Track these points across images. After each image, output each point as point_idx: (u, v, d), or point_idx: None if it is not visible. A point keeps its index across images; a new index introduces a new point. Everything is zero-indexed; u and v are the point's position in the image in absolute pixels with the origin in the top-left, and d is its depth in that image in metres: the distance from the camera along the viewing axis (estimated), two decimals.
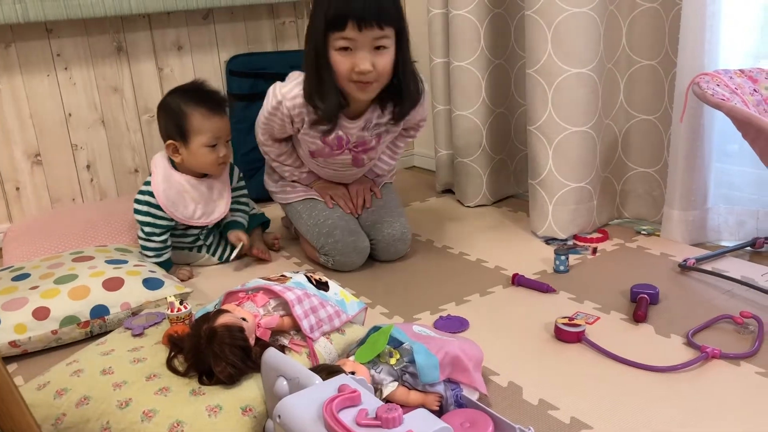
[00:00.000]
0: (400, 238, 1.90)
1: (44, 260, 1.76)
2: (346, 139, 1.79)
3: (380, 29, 1.53)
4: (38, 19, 2.07)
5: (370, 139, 1.82)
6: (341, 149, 1.82)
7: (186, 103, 1.79)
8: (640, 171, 2.06)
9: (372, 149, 1.88)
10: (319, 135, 1.76)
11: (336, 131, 1.75)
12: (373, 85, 1.62)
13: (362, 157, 1.89)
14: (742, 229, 1.89)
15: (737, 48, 1.84)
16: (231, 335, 1.17)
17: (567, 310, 1.57)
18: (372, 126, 1.79)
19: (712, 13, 1.70)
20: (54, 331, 1.52)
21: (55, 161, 2.28)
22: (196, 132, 1.78)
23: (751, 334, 1.41)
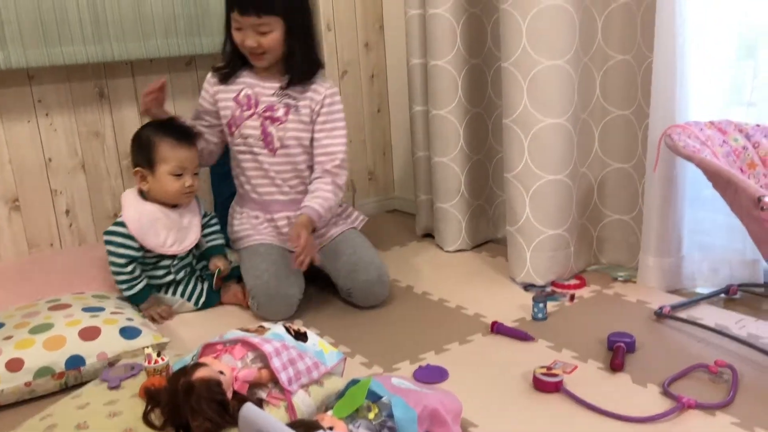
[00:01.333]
0: (377, 282, 1.91)
1: (19, 309, 1.74)
2: (255, 100, 1.98)
3: (258, 17, 1.83)
4: (20, 65, 2.08)
5: (278, 107, 1.96)
6: (251, 110, 1.98)
7: (155, 134, 1.89)
8: (616, 218, 2.10)
9: (279, 120, 1.97)
10: (233, 96, 2.00)
11: (245, 90, 1.99)
12: (265, 56, 1.92)
13: (270, 130, 1.97)
14: (716, 276, 1.92)
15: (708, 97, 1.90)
16: (209, 389, 1.17)
17: (545, 358, 1.58)
18: (281, 93, 1.98)
19: (682, 66, 1.75)
20: (27, 383, 1.49)
21: (33, 206, 2.27)
22: (162, 160, 1.86)
23: (726, 383, 1.43)
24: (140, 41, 2.27)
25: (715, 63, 1.86)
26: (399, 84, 2.78)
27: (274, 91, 1.98)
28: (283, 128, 1.97)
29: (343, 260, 1.96)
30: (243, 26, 1.87)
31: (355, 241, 2.02)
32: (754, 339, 1.60)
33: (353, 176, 2.86)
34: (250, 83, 2.00)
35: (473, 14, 2.22)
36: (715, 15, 1.80)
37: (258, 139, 1.99)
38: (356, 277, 1.90)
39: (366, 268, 1.91)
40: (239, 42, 1.91)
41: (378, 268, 1.92)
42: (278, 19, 1.86)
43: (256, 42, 1.88)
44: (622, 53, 1.96)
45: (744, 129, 1.76)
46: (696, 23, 1.75)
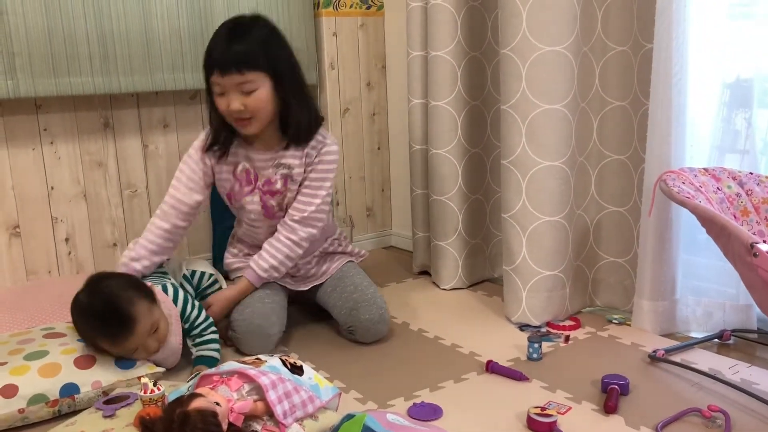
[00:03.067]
0: (379, 321, 1.91)
1: (13, 335, 1.73)
2: (254, 174, 1.91)
3: (240, 74, 1.73)
4: (29, 95, 2.12)
5: (275, 179, 1.89)
6: (250, 185, 1.92)
7: (85, 330, 1.63)
8: (611, 261, 2.12)
9: (279, 193, 1.91)
10: (230, 169, 1.92)
11: (242, 163, 1.91)
12: (252, 122, 1.80)
13: (271, 203, 1.92)
14: (710, 321, 1.94)
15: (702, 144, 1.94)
16: (204, 420, 1.17)
17: (539, 399, 1.58)
18: (276, 164, 1.89)
19: (677, 113, 1.79)
20: (21, 409, 1.48)
21: (33, 233, 2.29)
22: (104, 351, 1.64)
23: (719, 428, 1.43)
24: (147, 74, 2.32)
25: (710, 111, 1.90)
26: (399, 123, 2.83)
27: (272, 162, 1.90)
28: (282, 198, 1.93)
29: (344, 297, 1.96)
30: (226, 89, 1.75)
31: (355, 278, 2.02)
32: (747, 385, 1.60)
33: (352, 212, 2.89)
34: (246, 156, 1.91)
35: (474, 57, 2.27)
36: (711, 64, 1.85)
37: (259, 213, 1.95)
38: (358, 315, 1.91)
39: (368, 307, 1.91)
40: (224, 109, 1.78)
41: (380, 307, 1.92)
42: (263, 74, 1.76)
43: (241, 104, 1.75)
44: (619, 99, 2.00)
45: (737, 176, 1.80)
46: (692, 72, 1.80)
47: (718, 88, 1.90)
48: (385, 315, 1.93)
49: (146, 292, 1.66)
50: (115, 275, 1.72)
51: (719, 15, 1.84)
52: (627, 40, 1.96)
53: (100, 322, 1.58)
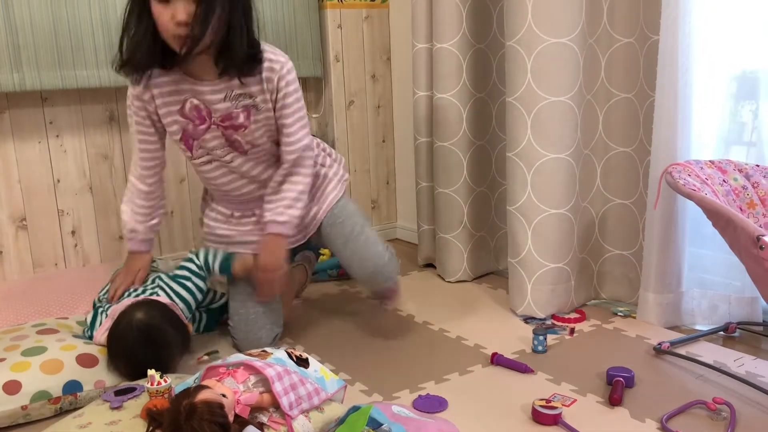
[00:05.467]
0: (379, 272, 1.82)
1: (5, 332, 1.72)
2: (206, 110, 1.69)
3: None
4: (34, 88, 2.12)
5: (237, 113, 1.69)
6: (204, 122, 1.70)
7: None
8: (617, 253, 2.12)
9: (242, 127, 1.70)
10: (177, 109, 1.70)
11: (189, 100, 1.68)
12: (192, 41, 1.52)
13: (236, 137, 1.72)
14: (715, 314, 1.93)
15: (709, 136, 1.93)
16: (210, 411, 1.17)
17: (544, 391, 1.59)
18: (234, 95, 1.67)
19: (683, 105, 1.79)
20: (24, 406, 1.47)
21: (40, 226, 2.30)
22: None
23: (724, 420, 1.43)
24: None
25: (716, 103, 1.89)
26: (404, 115, 2.82)
27: (225, 94, 1.67)
28: (249, 132, 1.72)
29: (341, 252, 1.84)
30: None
31: (347, 219, 1.86)
32: (753, 377, 1.60)
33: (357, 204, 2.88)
34: (192, 90, 1.67)
35: (479, 49, 2.26)
36: (717, 55, 1.84)
37: (224, 147, 1.74)
38: (357, 270, 1.82)
39: (363, 262, 1.80)
40: (166, 20, 1.50)
41: (376, 255, 1.81)
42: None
43: (187, 13, 1.48)
44: (624, 91, 2.00)
45: (744, 169, 1.79)
46: (698, 64, 1.79)
47: (725, 79, 1.89)
48: (381, 265, 1.81)
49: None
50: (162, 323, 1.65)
51: (725, 6, 1.82)
52: (633, 31, 1.95)
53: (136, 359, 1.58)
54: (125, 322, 1.60)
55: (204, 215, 1.96)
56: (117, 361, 1.61)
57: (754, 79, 1.86)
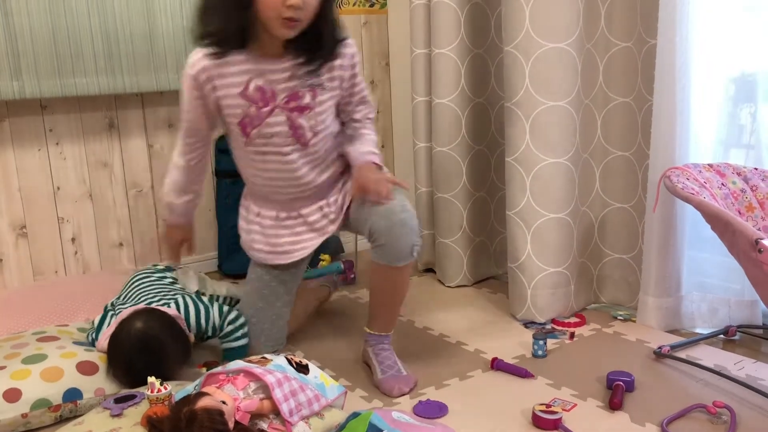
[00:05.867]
0: (406, 222, 1.62)
1: (5, 340, 1.72)
2: (271, 91, 1.60)
3: None
4: (34, 96, 2.13)
5: (303, 92, 1.61)
6: (268, 105, 1.60)
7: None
8: (616, 257, 2.12)
9: (308, 108, 1.62)
10: (239, 90, 1.59)
11: (254, 80, 1.59)
12: (299, 24, 1.50)
13: (300, 122, 1.63)
14: (715, 317, 1.93)
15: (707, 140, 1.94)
16: (210, 419, 1.18)
17: (545, 396, 1.59)
18: (300, 74, 1.60)
19: (681, 109, 1.79)
20: (24, 414, 1.47)
21: (40, 233, 2.30)
22: None
23: (724, 424, 1.43)
24: (151, 74, 2.32)
25: (714, 106, 1.90)
26: (403, 120, 2.83)
27: (291, 73, 1.60)
28: (313, 115, 1.64)
29: (364, 204, 1.67)
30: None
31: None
32: (753, 381, 1.60)
33: None
34: (254, 70, 1.59)
35: (477, 55, 2.27)
36: (715, 58, 1.85)
37: (287, 136, 1.64)
38: (385, 222, 1.62)
39: (391, 208, 1.64)
40: (278, 2, 1.44)
41: (406, 207, 1.66)
42: None
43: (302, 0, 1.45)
44: (622, 96, 2.00)
45: (742, 172, 1.79)
46: (696, 67, 1.80)
47: (723, 82, 1.90)
48: (407, 216, 1.64)
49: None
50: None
51: (723, 9, 1.83)
52: (631, 36, 1.95)
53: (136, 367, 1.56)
54: (125, 330, 1.59)
55: (244, 232, 1.87)
56: (115, 368, 1.60)
57: (753, 81, 1.87)
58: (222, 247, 2.63)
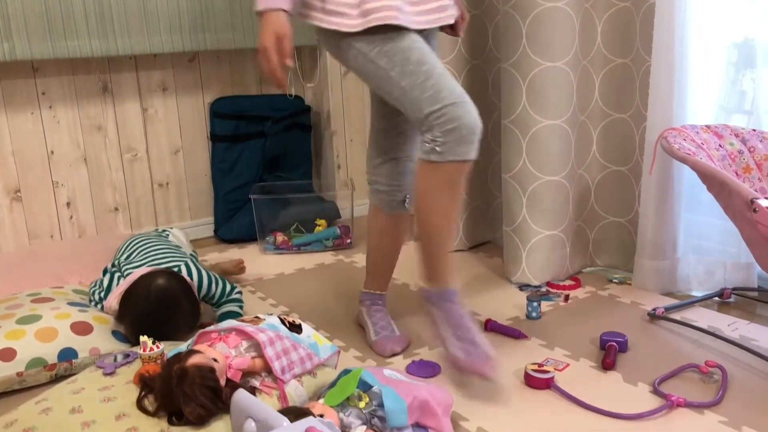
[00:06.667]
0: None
1: (0, 302, 1.73)
2: None
3: None
4: (25, 57, 2.10)
5: None
6: None
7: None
8: (612, 220, 2.11)
9: None
10: None
11: None
12: None
13: None
14: (711, 280, 1.93)
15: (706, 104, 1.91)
16: (202, 376, 1.18)
17: (538, 356, 1.59)
18: None
19: (680, 70, 1.77)
20: (19, 373, 1.49)
21: (35, 198, 2.29)
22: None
23: (716, 383, 1.44)
24: (144, 36, 2.29)
25: (715, 71, 1.87)
26: None
27: None
28: None
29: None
30: None
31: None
32: (746, 341, 1.61)
33: (353, 175, 2.87)
34: None
35: (476, 16, 2.23)
36: (717, 22, 1.82)
37: None
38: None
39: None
40: None
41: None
42: None
43: None
44: (620, 56, 1.97)
45: (740, 133, 1.77)
46: (696, 29, 1.77)
47: (725, 47, 1.87)
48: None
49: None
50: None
51: None
52: None
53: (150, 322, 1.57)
54: (144, 284, 1.61)
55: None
56: (125, 320, 1.62)
57: (754, 47, 1.84)
58: (218, 213, 2.62)
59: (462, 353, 1.40)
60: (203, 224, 2.64)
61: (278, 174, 2.67)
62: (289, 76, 2.74)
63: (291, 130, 2.68)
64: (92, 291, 1.79)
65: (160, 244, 1.87)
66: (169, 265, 1.75)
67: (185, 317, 1.65)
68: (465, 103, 1.35)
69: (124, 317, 1.62)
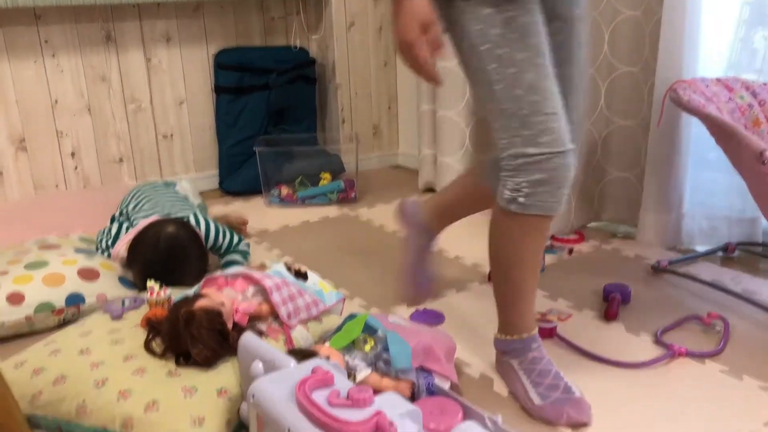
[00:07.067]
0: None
1: (7, 248, 1.75)
2: None
3: None
4: (27, 4, 2.07)
5: None
6: None
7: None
8: (619, 175, 2.10)
9: None
10: None
11: None
12: None
13: None
14: (715, 234, 1.93)
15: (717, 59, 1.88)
16: (209, 319, 1.19)
17: (541, 306, 1.60)
18: None
19: (690, 23, 1.74)
20: (28, 317, 1.51)
21: (39, 147, 2.29)
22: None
23: (718, 334, 1.45)
24: None
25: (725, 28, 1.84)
26: None
27: None
28: None
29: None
30: None
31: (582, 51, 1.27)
32: (749, 294, 1.61)
33: (357, 130, 2.86)
34: None
35: None
36: None
37: None
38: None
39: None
40: None
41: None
42: None
43: None
44: (631, 8, 1.94)
45: (751, 86, 1.75)
46: None
47: (737, 4, 1.83)
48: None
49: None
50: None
51: None
52: None
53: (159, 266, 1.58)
54: (153, 232, 1.63)
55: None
56: (133, 267, 1.64)
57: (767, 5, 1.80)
58: (222, 165, 2.61)
59: (549, 403, 1.19)
60: (208, 176, 2.64)
61: (282, 127, 2.66)
62: (294, 28, 2.71)
63: (295, 83, 2.65)
64: (99, 239, 1.80)
65: (167, 195, 1.88)
66: (178, 215, 1.76)
67: (193, 266, 1.66)
68: (568, 153, 1.15)
69: (133, 264, 1.63)
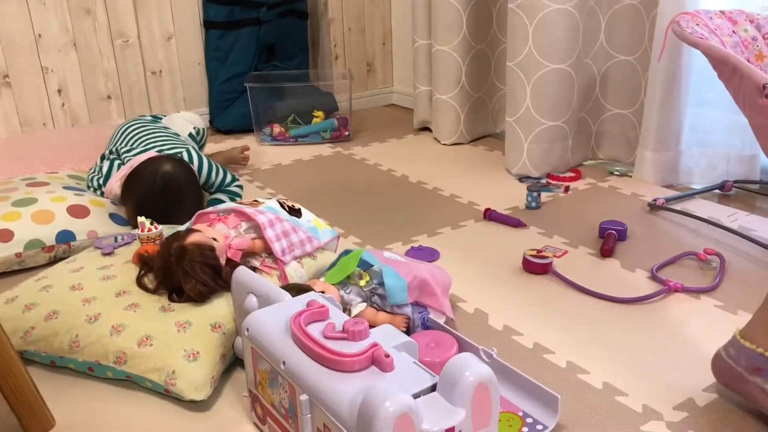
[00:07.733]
0: None
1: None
2: None
3: None
4: None
5: None
6: None
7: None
8: (617, 112, 2.07)
9: None
10: None
11: None
12: None
13: None
14: (713, 172, 1.91)
15: None
16: (201, 253, 1.17)
17: (536, 243, 1.59)
18: None
19: None
20: (18, 254, 1.49)
21: (24, 83, 2.23)
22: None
23: (713, 270, 1.45)
24: None
25: None
26: None
27: None
28: None
29: None
30: None
31: None
32: (745, 231, 1.61)
33: (351, 66, 2.80)
34: None
35: None
36: None
37: None
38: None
39: None
40: None
41: None
42: None
43: None
44: None
45: (755, 19, 1.70)
46: None
47: None
48: None
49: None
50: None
51: None
52: None
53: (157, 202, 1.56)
54: (149, 168, 1.58)
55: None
56: (127, 203, 1.61)
57: None
58: (213, 103, 2.56)
59: None
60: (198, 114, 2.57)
61: (274, 63, 2.59)
62: None
63: (286, 17, 2.57)
64: (90, 177, 1.76)
65: (157, 131, 1.83)
66: (172, 151, 1.72)
67: (188, 204, 1.63)
68: None
69: (127, 200, 1.61)
